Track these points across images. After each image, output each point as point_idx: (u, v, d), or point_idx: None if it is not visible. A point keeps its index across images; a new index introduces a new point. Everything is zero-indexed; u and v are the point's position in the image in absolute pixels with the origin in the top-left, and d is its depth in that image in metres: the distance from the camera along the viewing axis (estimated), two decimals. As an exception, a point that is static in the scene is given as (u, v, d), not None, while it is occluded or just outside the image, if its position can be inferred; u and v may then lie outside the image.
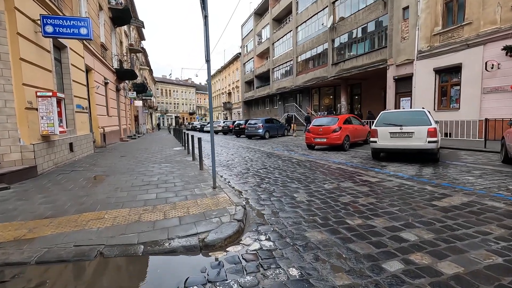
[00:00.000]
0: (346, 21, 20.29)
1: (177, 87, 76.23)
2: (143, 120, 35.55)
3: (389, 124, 7.58)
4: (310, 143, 11.49)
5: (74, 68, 9.16)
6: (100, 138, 12.69)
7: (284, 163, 8.04)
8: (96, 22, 13.35)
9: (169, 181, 5.51)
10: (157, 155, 9.75)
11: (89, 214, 3.70)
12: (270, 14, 33.33)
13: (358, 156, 8.96)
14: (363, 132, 12.44)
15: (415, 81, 14.66)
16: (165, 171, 6.54)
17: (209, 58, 4.57)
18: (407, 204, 3.92)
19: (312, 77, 24.95)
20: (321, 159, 8.62)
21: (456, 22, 12.70)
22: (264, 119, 20.07)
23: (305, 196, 4.50)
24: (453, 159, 7.81)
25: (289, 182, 5.56)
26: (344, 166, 7.19)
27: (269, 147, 13.18)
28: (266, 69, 35.30)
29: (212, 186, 4.90)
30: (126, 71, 17.84)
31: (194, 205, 3.97)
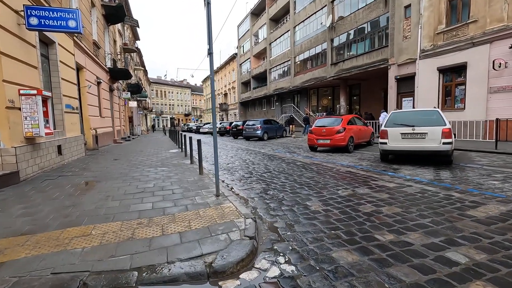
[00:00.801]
0: (346, 20, 19.95)
1: (172, 88, 75.48)
2: (138, 122, 34.84)
3: (400, 124, 7.15)
4: (313, 145, 11.04)
5: (63, 65, 8.58)
6: (92, 140, 12.07)
7: (289, 166, 7.55)
8: (88, 19, 12.76)
9: (166, 187, 4.98)
10: (153, 158, 9.20)
11: (74, 229, 3.16)
12: (267, 14, 32.94)
13: (365, 158, 8.52)
14: (367, 133, 12.04)
15: (418, 81, 14.33)
16: (162, 176, 6.01)
17: (211, 50, 4.07)
18: (438, 214, 3.46)
19: (311, 77, 24.57)
20: (327, 161, 8.16)
21: (461, 20, 12.39)
22: (262, 120, 19.59)
23: (319, 205, 4.02)
24: (466, 161, 7.42)
25: (299, 188, 5.08)
26: (354, 169, 6.73)
27: (269, 148, 12.70)
28: (263, 69, 34.88)
29: (215, 194, 4.39)
30: (120, 71, 17.22)
31: (196, 217, 3.46)
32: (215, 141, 4.34)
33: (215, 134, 4.35)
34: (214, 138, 4.34)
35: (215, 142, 4.34)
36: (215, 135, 4.35)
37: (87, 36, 12.30)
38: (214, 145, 4.34)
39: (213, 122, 4.35)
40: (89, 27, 12.78)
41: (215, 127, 4.41)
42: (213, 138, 4.36)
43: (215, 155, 4.34)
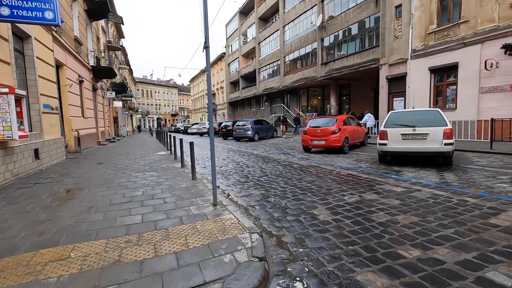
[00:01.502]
0: (336, 20, 19.85)
1: (158, 88, 73.98)
2: (123, 122, 33.73)
3: (400, 125, 6.93)
4: (307, 146, 10.75)
5: (41, 62, 7.91)
6: (74, 143, 11.34)
7: (286, 169, 7.20)
8: (69, 13, 12.00)
9: (157, 195, 4.52)
10: (140, 161, 8.65)
11: (49, 251, 2.68)
12: (256, 13, 32.58)
13: (363, 160, 8.28)
14: (361, 134, 11.87)
15: (409, 81, 14.32)
16: (151, 182, 5.53)
17: (208, 44, 3.66)
18: (460, 223, 3.18)
19: (301, 77, 24.38)
20: (325, 163, 7.87)
21: (452, 20, 12.43)
22: (253, 120, 19.21)
23: (327, 214, 3.68)
24: (465, 162, 7.29)
25: (301, 193, 4.72)
26: (354, 172, 6.45)
27: (262, 150, 12.33)
28: (252, 69, 34.49)
29: (212, 203, 3.97)
30: (103, 69, 16.42)
31: (193, 232, 3.04)
32: (212, 142, 3.92)
33: (212, 134, 3.93)
34: (211, 139, 3.91)
35: (212, 143, 3.92)
36: (212, 136, 3.92)
37: (67, 32, 11.56)
38: (211, 146, 3.91)
39: (210, 122, 3.93)
40: (70, 22, 12.03)
41: (211, 127, 3.99)
42: (210, 139, 3.93)
43: (212, 159, 3.91)
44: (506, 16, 10.41)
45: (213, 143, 3.92)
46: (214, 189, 3.91)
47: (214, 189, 3.91)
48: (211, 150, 3.91)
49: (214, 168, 3.91)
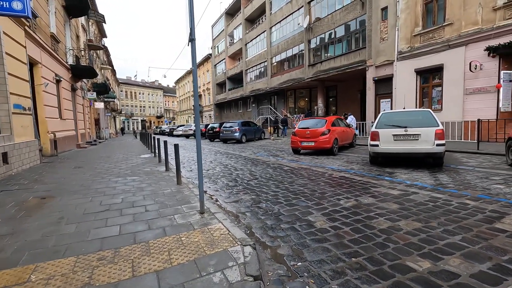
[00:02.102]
0: (323, 22, 19.89)
1: (143, 89, 72.37)
2: (106, 124, 32.60)
3: (392, 125, 6.81)
4: (297, 147, 10.53)
5: (11, 58, 7.31)
6: (50, 145, 10.65)
7: (276, 171, 6.93)
8: (45, 9, 11.32)
9: (138, 203, 4.12)
10: (122, 165, 8.15)
11: (5, 273, 2.27)
12: (243, 14, 32.36)
13: (353, 161, 8.13)
14: (350, 135, 11.78)
15: (396, 82, 14.44)
16: (132, 188, 5.11)
17: (193, 36, 3.33)
18: (465, 229, 2.98)
19: (288, 78, 24.30)
20: (316, 165, 7.65)
21: (437, 22, 12.61)
22: (240, 122, 18.88)
23: (324, 220, 3.42)
24: (455, 163, 7.25)
25: (294, 198, 4.45)
26: (347, 174, 6.25)
27: (250, 152, 12.03)
28: (239, 70, 34.21)
29: (199, 211, 3.63)
30: (83, 68, 15.68)
31: (177, 245, 2.69)
32: (198, 144, 3.57)
33: (199, 135, 3.58)
34: (197, 141, 3.56)
35: (198, 145, 3.57)
36: (198, 137, 3.58)
37: (43, 28, 10.89)
38: (198, 149, 3.57)
39: (196, 122, 3.60)
40: (45, 18, 11.35)
41: (198, 128, 3.65)
42: (196, 140, 3.58)
43: (199, 163, 3.57)
44: (489, 19, 10.61)
45: (199, 145, 3.58)
46: (201, 195, 3.57)
47: (201, 195, 3.57)
48: (197, 153, 3.57)
49: (201, 172, 3.57)
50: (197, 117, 3.54)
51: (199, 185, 3.54)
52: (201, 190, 3.56)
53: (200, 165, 3.56)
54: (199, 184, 3.54)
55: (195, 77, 3.34)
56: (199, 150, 3.56)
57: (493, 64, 10.63)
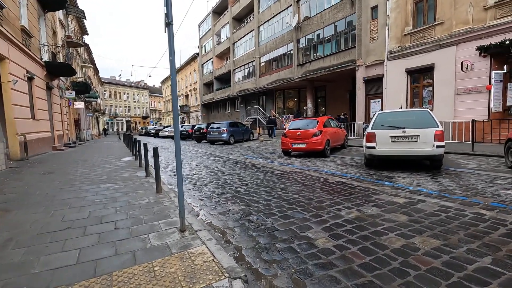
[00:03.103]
0: (312, 21, 19.59)
1: (128, 89, 70.45)
2: (87, 125, 31.23)
3: (389, 126, 6.44)
4: (287, 149, 10.07)
5: (-32, 51, 6.49)
6: (20, 148, 9.76)
7: (267, 176, 6.42)
8: (15, 0, 10.40)
9: (107, 218, 3.51)
10: (98, 170, 7.44)
11: None
12: (230, 13, 31.79)
13: (347, 164, 7.73)
14: (341, 136, 11.42)
15: (386, 82, 14.25)
16: (105, 198, 4.47)
17: (171, 19, 2.78)
18: (491, 247, 2.56)
19: (277, 78, 23.90)
20: (308, 169, 7.19)
21: (427, 22, 12.46)
22: (228, 122, 18.29)
23: (326, 237, 2.93)
24: (453, 165, 6.96)
25: (288, 208, 3.95)
26: (343, 179, 5.81)
27: (238, 154, 11.48)
28: (227, 70, 33.60)
29: (178, 228, 3.06)
30: (60, 65, 14.69)
31: (148, 279, 2.13)
32: (177, 146, 3.00)
33: (178, 138, 3.01)
34: (176, 144, 2.99)
35: (177, 148, 3.00)
36: (177, 139, 3.01)
37: (11, 20, 9.99)
38: (177, 153, 3.00)
39: (175, 123, 3.03)
40: (15, 10, 10.44)
41: (177, 129, 3.08)
42: (175, 143, 3.01)
43: (178, 171, 3.00)
44: (480, 19, 10.50)
45: (179, 149, 3.01)
46: (181, 210, 3.00)
47: (181, 210, 3.00)
48: (176, 159, 3.00)
49: (181, 183, 3.00)
50: (176, 113, 2.97)
51: (179, 199, 2.98)
52: (182, 203, 2.99)
53: (180, 175, 3.00)
54: (179, 198, 2.98)
55: (173, 69, 2.78)
56: (178, 156, 2.99)
57: (484, 64, 10.52)
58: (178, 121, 2.97)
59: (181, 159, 3.00)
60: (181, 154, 3.02)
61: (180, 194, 2.96)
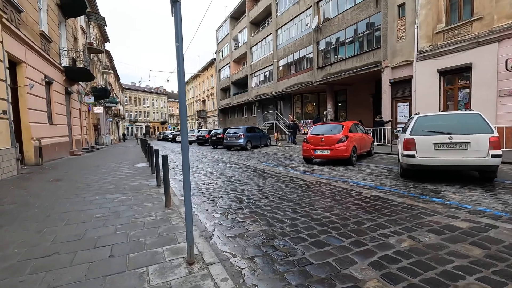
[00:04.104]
0: (333, 22, 18.80)
1: (147, 95, 71.99)
2: (107, 130, 31.73)
3: (432, 132, 5.58)
4: (309, 156, 9.32)
5: (-21, 53, 6.28)
6: (35, 153, 9.59)
7: (289, 187, 5.71)
8: (33, 4, 10.40)
9: (104, 240, 2.94)
10: (108, 177, 7.01)
11: None
12: (248, 17, 31.53)
13: (379, 174, 6.88)
14: (368, 142, 10.53)
15: (415, 84, 13.19)
16: (107, 213, 3.93)
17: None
18: None
19: (295, 82, 23.18)
20: (336, 179, 6.42)
21: (462, 18, 11.39)
22: (245, 127, 17.75)
23: (377, 278, 2.20)
24: (507, 177, 5.97)
25: (320, 231, 3.24)
26: (380, 192, 5.01)
27: (256, 160, 10.83)
28: (244, 75, 33.25)
29: (186, 260, 2.43)
30: (78, 71, 14.73)
31: None
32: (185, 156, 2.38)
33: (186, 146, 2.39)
34: (183, 152, 2.37)
35: (185, 165, 2.38)
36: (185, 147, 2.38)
37: (30, 25, 9.94)
38: (184, 164, 2.37)
39: (182, 119, 2.42)
40: (34, 15, 10.42)
41: (184, 130, 2.47)
42: (181, 150, 2.38)
43: (186, 193, 2.38)
44: (527, 12, 9.38)
45: (187, 163, 2.38)
46: (189, 238, 2.36)
47: (189, 238, 2.36)
48: (184, 174, 2.37)
49: (189, 207, 2.37)
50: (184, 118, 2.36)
51: (186, 224, 2.34)
52: (190, 231, 2.35)
53: (188, 196, 2.37)
54: (186, 222, 2.35)
55: (181, 56, 2.17)
56: (187, 171, 2.36)
57: (533, 62, 9.35)
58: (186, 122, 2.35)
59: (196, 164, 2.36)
60: (189, 166, 2.39)
61: (189, 219, 2.33)
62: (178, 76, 2.19)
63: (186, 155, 2.31)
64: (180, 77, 2.20)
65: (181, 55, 2.19)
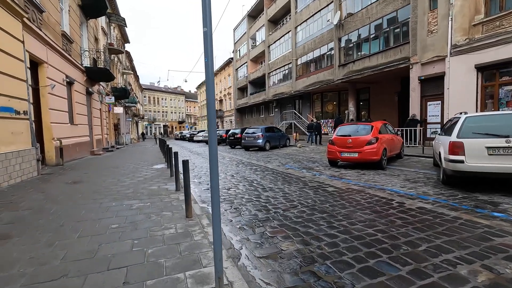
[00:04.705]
0: (356, 17, 17.96)
1: (165, 95, 73.10)
2: (126, 129, 32.24)
3: (484, 134, 4.89)
4: (335, 159, 8.74)
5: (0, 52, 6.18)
6: (56, 154, 9.58)
7: (318, 194, 5.20)
8: (55, 5, 10.41)
9: (118, 260, 2.57)
10: (126, 180, 6.76)
11: None
12: (266, 15, 31.02)
13: (416, 180, 6.22)
14: (398, 144, 9.80)
15: (449, 81, 12.23)
16: (123, 223, 3.60)
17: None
18: None
19: (315, 80, 22.46)
20: (369, 186, 5.84)
21: (505, 8, 10.37)
22: (264, 127, 17.30)
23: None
24: None
25: (367, 254, 2.73)
26: (425, 203, 4.40)
27: (277, 162, 10.35)
28: (261, 74, 32.78)
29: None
30: (98, 71, 14.81)
31: None
32: (214, 173, 1.95)
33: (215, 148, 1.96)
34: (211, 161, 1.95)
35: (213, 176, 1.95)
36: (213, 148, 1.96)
37: (52, 25, 9.94)
38: (213, 182, 1.95)
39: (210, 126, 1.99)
40: (56, 15, 10.43)
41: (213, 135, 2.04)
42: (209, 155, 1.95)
43: (215, 206, 1.96)
44: None
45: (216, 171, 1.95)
46: (218, 268, 1.93)
47: (218, 268, 1.93)
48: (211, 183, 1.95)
49: (219, 234, 1.94)
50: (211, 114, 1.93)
51: (215, 249, 1.91)
52: (219, 259, 1.92)
53: (217, 209, 1.94)
54: (214, 248, 1.92)
55: (209, 43, 1.75)
56: (216, 193, 1.94)
57: None
58: (215, 132, 1.92)
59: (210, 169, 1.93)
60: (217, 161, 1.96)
61: (217, 245, 1.89)
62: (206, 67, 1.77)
63: (215, 166, 1.88)
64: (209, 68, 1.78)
65: (210, 42, 1.76)
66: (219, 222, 1.89)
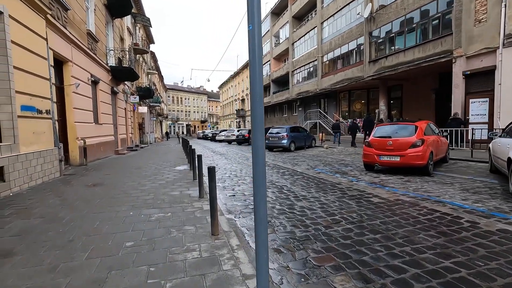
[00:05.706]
0: (389, 9, 16.72)
1: (188, 95, 74.14)
2: (150, 129, 32.69)
3: None
4: (371, 162, 7.86)
5: (20, 49, 5.97)
6: (80, 154, 9.46)
7: (363, 206, 4.45)
8: (81, 3, 10.34)
9: (129, 297, 2.03)
10: (147, 184, 6.36)
11: None
12: (290, 12, 30.18)
13: (477, 191, 5.27)
14: (444, 146, 8.73)
15: (500, 76, 10.87)
16: (140, 239, 3.09)
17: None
18: None
19: (342, 78, 21.36)
20: (421, 196, 4.98)
21: None
22: (288, 127, 16.55)
23: None
24: None
25: (457, 302, 1.99)
26: (507, 224, 3.53)
27: (305, 165, 9.61)
28: (285, 72, 31.99)
29: None
30: (123, 70, 14.77)
31: None
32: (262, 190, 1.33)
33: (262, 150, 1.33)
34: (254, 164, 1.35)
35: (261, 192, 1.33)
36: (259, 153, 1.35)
37: (77, 24, 9.84)
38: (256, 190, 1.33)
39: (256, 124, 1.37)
40: (81, 14, 10.35)
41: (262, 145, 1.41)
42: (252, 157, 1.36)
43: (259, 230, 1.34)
44: None
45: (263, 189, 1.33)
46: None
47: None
48: (254, 195, 1.33)
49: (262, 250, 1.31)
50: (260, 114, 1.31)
51: None
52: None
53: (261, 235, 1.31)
54: None
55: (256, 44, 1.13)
56: (263, 203, 1.31)
57: None
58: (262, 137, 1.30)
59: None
60: (265, 174, 1.34)
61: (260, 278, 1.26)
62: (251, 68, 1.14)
63: (262, 184, 1.25)
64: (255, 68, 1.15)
65: (257, 42, 1.14)
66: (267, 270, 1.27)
